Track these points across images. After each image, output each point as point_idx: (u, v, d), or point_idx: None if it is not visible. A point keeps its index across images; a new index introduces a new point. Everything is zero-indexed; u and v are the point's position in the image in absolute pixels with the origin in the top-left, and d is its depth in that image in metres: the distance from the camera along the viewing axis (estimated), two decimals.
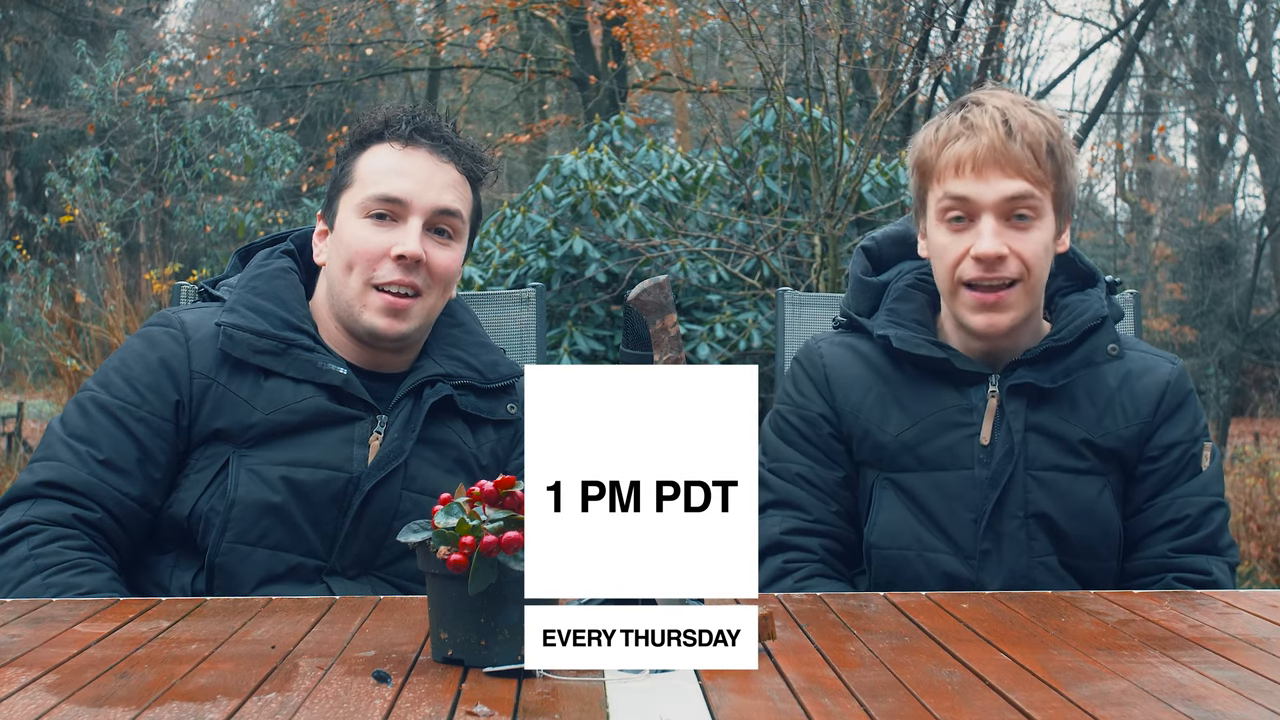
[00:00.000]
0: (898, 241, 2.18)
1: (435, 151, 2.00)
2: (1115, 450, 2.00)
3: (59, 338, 8.86)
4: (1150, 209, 19.59)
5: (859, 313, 2.13)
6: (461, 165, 2.02)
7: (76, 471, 1.89)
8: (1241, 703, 1.23)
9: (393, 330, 1.97)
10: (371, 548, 1.93)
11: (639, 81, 15.06)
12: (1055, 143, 1.97)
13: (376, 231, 1.96)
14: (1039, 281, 1.98)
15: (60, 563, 1.81)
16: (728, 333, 6.61)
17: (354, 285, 1.97)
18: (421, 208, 1.97)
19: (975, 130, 1.95)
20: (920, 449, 2.00)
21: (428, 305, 1.99)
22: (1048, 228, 1.97)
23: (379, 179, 1.98)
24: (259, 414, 1.92)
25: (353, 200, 1.99)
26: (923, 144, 2.02)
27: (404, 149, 1.99)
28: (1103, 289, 2.09)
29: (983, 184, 1.94)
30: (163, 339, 1.97)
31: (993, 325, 1.97)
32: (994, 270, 1.95)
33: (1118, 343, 2.05)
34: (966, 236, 1.96)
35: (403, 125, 2.00)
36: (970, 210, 1.96)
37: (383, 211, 1.96)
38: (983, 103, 1.99)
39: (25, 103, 15.07)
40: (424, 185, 1.97)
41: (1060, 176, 1.97)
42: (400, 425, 1.96)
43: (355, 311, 1.98)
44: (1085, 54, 15.51)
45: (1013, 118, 1.95)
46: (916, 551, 1.98)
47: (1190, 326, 15.98)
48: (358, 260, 1.96)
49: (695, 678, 1.29)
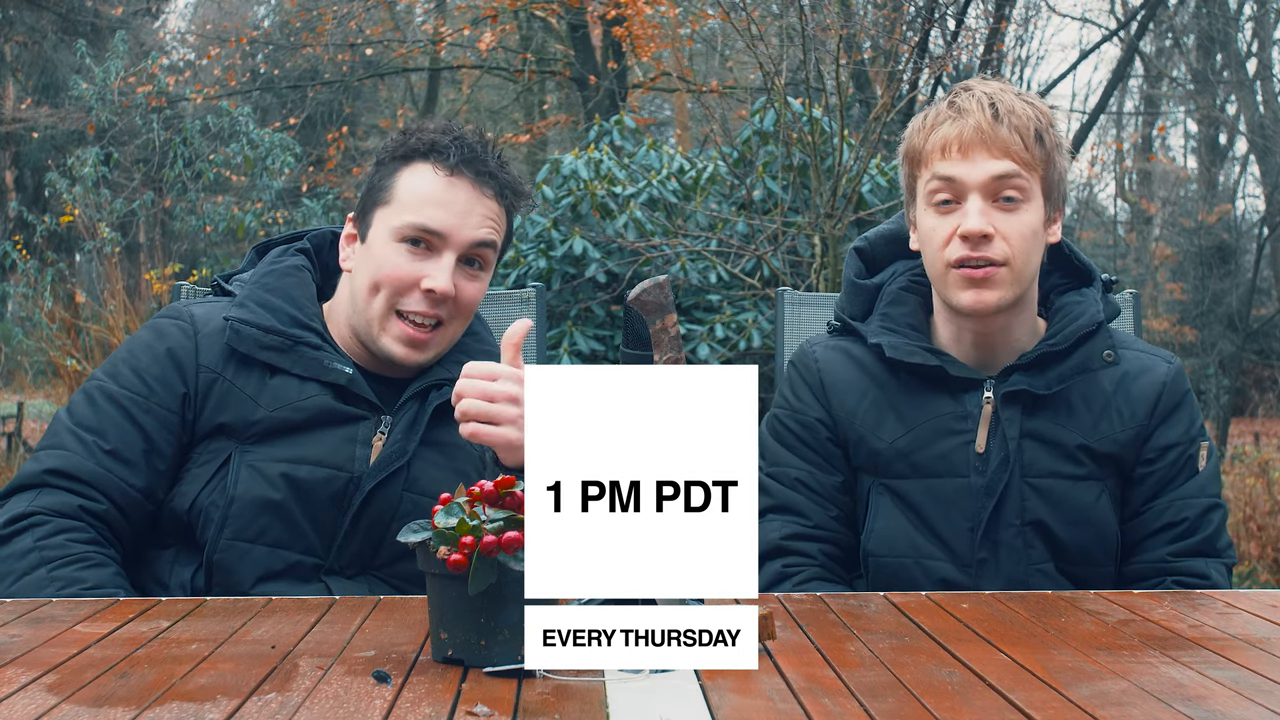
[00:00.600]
0: (891, 240, 2.17)
1: (478, 184, 1.97)
2: (1112, 455, 1.99)
3: (59, 338, 8.87)
4: (1150, 209, 19.59)
5: (853, 316, 2.12)
6: (502, 198, 2.00)
7: (83, 461, 1.88)
8: (1241, 703, 1.23)
9: (410, 360, 1.97)
10: (370, 548, 1.93)
11: (639, 81, 15.06)
12: (1043, 129, 1.97)
13: (409, 259, 1.94)
14: (1026, 265, 1.97)
15: (66, 556, 1.81)
16: (728, 333, 6.61)
17: (378, 308, 1.96)
18: (459, 242, 1.95)
19: (962, 113, 1.96)
20: (915, 456, 2.00)
21: (449, 335, 1.99)
22: (1036, 211, 1.97)
23: (419, 207, 1.95)
24: (263, 410, 1.92)
25: (389, 220, 1.96)
26: (911, 132, 2.03)
27: (448, 177, 1.96)
28: (1099, 288, 2.08)
29: (969, 164, 1.94)
30: (172, 331, 1.97)
31: (980, 301, 1.95)
32: (980, 250, 1.94)
33: (1113, 349, 2.04)
34: (954, 218, 1.96)
35: (450, 153, 1.96)
36: (957, 191, 1.96)
37: (418, 239, 1.95)
38: (971, 89, 2.00)
39: (25, 103, 15.07)
40: (463, 219, 1.95)
41: (1049, 163, 1.97)
42: (404, 427, 1.96)
43: (375, 333, 1.97)
44: (1085, 54, 15.51)
45: (1000, 102, 1.96)
46: (914, 559, 1.98)
47: (1190, 326, 15.97)
48: (386, 284, 1.95)
49: (695, 678, 1.29)
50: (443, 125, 2.02)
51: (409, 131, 2.02)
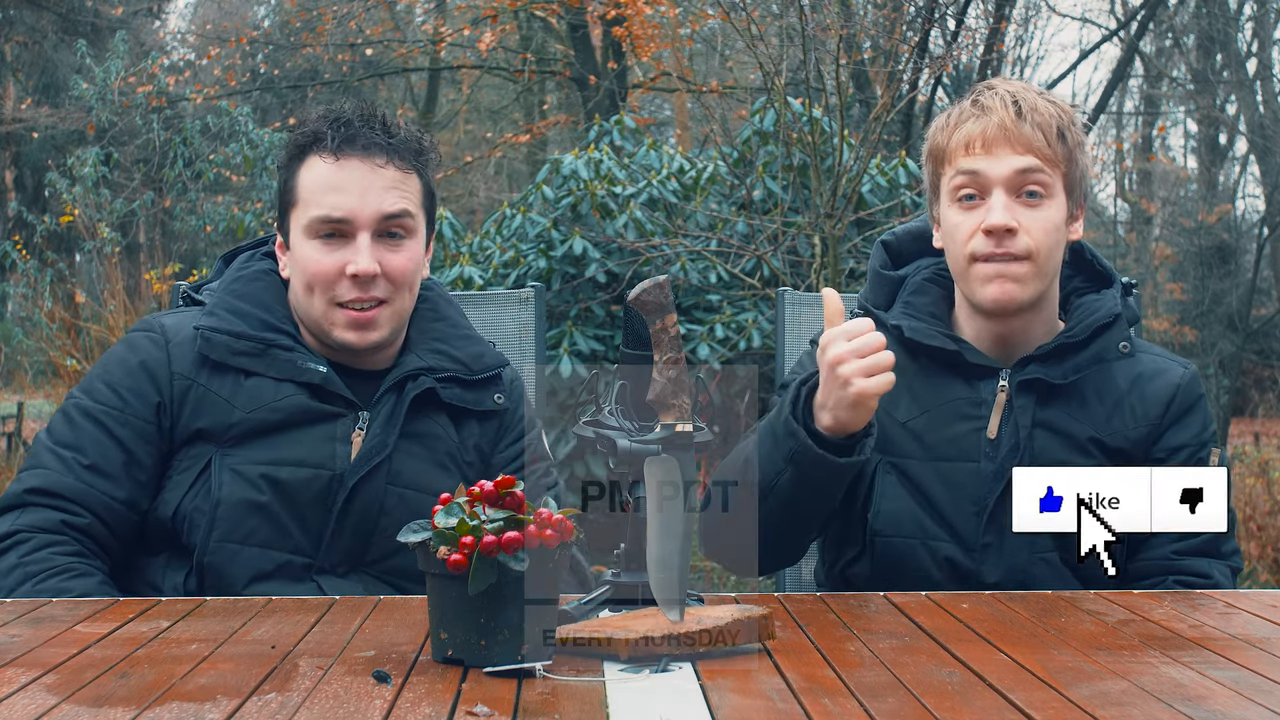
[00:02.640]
0: (917, 237, 2.20)
1: (368, 157, 1.96)
2: (1122, 450, 2.01)
3: (59, 338, 8.86)
4: (1150, 209, 19.59)
5: (876, 305, 2.15)
6: (399, 161, 1.98)
7: (63, 478, 1.90)
8: (1241, 703, 1.23)
9: (364, 342, 1.97)
10: (359, 544, 1.93)
11: (639, 81, 15.06)
12: (1065, 126, 2.00)
13: (327, 252, 1.95)
14: (1049, 260, 2.00)
15: (49, 569, 1.82)
16: (728, 333, 6.61)
17: (318, 306, 1.97)
18: (366, 221, 1.95)
19: (986, 111, 2.00)
20: (927, 437, 2.02)
21: (395, 309, 1.98)
22: (1058, 207, 1.99)
23: (318, 198, 1.95)
24: (239, 413, 1.93)
25: (299, 220, 1.97)
26: (935, 131, 2.06)
27: (336, 161, 1.95)
28: (1118, 290, 2.11)
29: (993, 159, 1.97)
30: (143, 343, 1.98)
31: (1005, 294, 1.97)
32: (1004, 244, 1.97)
33: (1130, 341, 2.06)
34: (978, 213, 1.99)
35: (329, 137, 1.96)
36: (981, 186, 1.98)
37: (329, 231, 1.95)
38: (994, 87, 2.03)
39: (25, 103, 15.06)
40: (362, 198, 1.94)
41: (1070, 160, 2.00)
42: (383, 421, 1.97)
43: (325, 329, 1.98)
44: (1085, 54, 15.51)
45: (1023, 100, 1.99)
46: (921, 540, 1.99)
47: (1190, 326, 15.96)
48: (315, 282, 1.96)
49: (695, 678, 1.29)
50: (322, 111, 2.01)
51: (295, 128, 2.03)
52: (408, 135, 2.01)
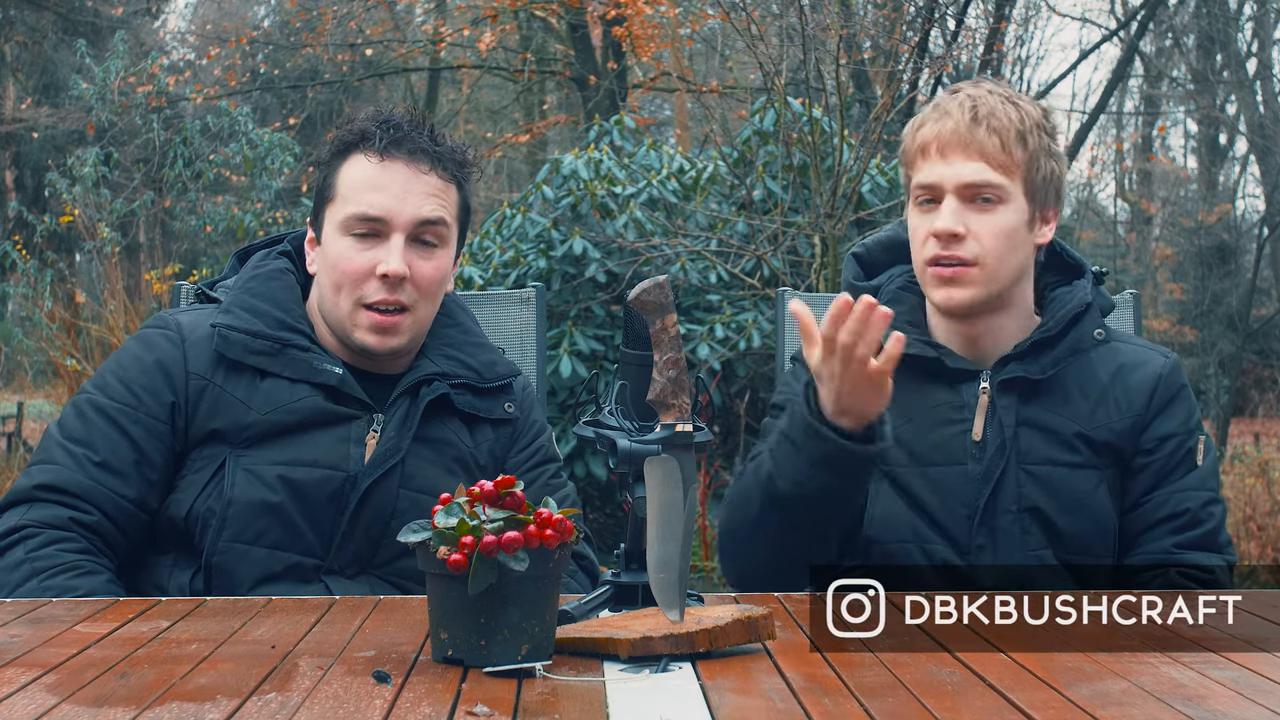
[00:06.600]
0: (887, 248, 2.20)
1: (413, 161, 1.96)
2: (1109, 443, 2.01)
3: (59, 338, 8.86)
4: (1150, 209, 19.59)
5: None
6: (442, 170, 1.99)
7: (73, 474, 1.89)
8: (1241, 703, 1.23)
9: (384, 347, 1.97)
10: (369, 546, 1.93)
11: (639, 81, 15.06)
12: (1027, 131, 1.99)
13: (360, 250, 1.95)
14: (1000, 265, 1.99)
15: (56, 565, 1.82)
16: (728, 333, 6.61)
17: (344, 305, 1.97)
18: (403, 223, 1.94)
19: (944, 115, 2.00)
20: (913, 444, 2.02)
21: (418, 317, 1.98)
22: (1014, 213, 1.99)
23: (358, 196, 1.95)
24: (255, 414, 1.92)
25: (335, 216, 1.97)
26: (905, 133, 2.07)
27: (381, 162, 1.96)
28: (1089, 279, 2.11)
29: (945, 165, 1.98)
30: (159, 341, 1.97)
31: (949, 298, 1.99)
32: (950, 248, 1.97)
33: (1104, 328, 2.07)
34: (932, 217, 1.99)
35: (377, 138, 1.96)
36: (935, 192, 1.99)
37: (364, 230, 1.95)
38: (959, 90, 2.03)
39: (25, 103, 15.08)
40: (402, 200, 1.94)
41: (1031, 165, 1.99)
42: (397, 424, 1.97)
43: (347, 329, 1.98)
44: (1085, 54, 15.52)
45: (981, 104, 1.99)
46: (915, 543, 2.00)
47: (1190, 326, 15.97)
48: (344, 280, 1.96)
49: (695, 678, 1.29)
50: (372, 113, 2.01)
51: (342, 125, 2.03)
52: (454, 146, 2.02)
